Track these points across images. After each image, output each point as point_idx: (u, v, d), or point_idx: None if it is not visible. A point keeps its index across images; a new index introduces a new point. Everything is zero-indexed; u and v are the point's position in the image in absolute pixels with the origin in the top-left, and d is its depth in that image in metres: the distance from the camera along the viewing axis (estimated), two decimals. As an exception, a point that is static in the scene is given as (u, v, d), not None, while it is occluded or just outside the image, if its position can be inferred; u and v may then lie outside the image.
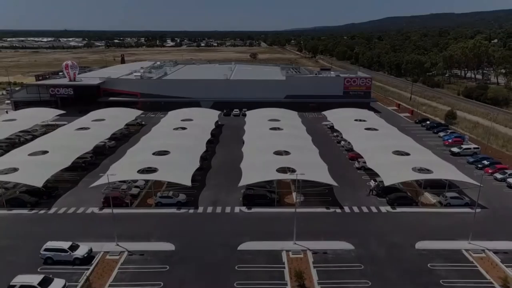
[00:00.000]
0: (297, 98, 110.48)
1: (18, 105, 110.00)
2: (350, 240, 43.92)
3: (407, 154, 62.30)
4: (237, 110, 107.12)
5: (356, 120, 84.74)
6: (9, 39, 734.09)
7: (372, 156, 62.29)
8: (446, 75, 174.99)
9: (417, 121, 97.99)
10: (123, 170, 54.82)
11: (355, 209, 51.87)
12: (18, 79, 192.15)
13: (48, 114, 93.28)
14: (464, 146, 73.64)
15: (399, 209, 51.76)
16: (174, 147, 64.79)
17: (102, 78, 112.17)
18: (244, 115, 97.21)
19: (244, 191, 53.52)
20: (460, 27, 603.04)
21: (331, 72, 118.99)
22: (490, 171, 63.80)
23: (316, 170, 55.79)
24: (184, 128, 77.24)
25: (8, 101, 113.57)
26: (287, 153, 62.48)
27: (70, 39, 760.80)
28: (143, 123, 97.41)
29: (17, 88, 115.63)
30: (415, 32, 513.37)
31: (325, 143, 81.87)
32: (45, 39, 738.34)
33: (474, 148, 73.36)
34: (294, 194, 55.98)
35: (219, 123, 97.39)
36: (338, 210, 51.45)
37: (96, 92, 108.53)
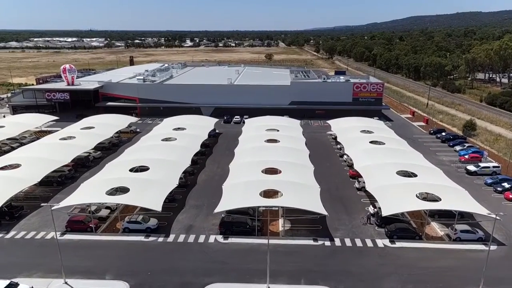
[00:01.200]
0: (303, 105, 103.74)
1: (16, 110, 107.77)
2: (333, 284, 37.28)
3: (413, 175, 54.98)
4: (238, 117, 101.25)
5: (362, 131, 77.47)
6: (35, 39, 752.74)
7: (373, 176, 55.17)
8: (469, 79, 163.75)
9: (432, 131, 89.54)
10: (91, 190, 49.81)
11: (347, 241, 45.06)
12: (30, 80, 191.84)
13: (39, 120, 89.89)
14: (481, 164, 65.29)
15: (398, 244, 44.64)
16: (155, 162, 59.50)
17: (101, 82, 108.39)
18: (245, 122, 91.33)
19: (222, 217, 47.54)
20: (487, 26, 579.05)
21: (341, 77, 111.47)
22: (511, 196, 55.60)
23: (306, 194, 49.27)
24: (173, 139, 71.99)
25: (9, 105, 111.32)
26: (277, 171, 56.22)
27: (94, 39, 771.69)
28: (137, 130, 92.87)
29: (15, 92, 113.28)
30: (439, 32, 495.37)
31: (326, 156, 75.19)
32: (69, 39, 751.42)
33: (494, 167, 64.94)
34: (281, 220, 49.73)
35: (217, 131, 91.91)
36: (328, 243, 44.77)
37: (93, 97, 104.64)
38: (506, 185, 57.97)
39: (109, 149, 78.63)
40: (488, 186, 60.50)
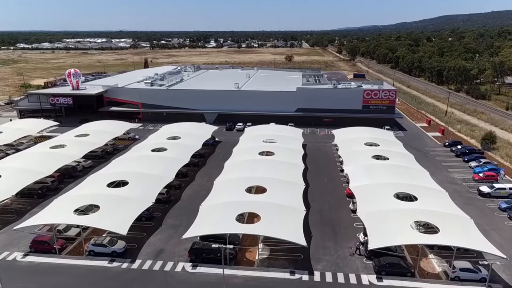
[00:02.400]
0: (309, 112, 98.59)
1: (23, 113, 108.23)
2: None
3: (413, 198, 49.38)
4: (241, 124, 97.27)
5: (366, 143, 71.80)
6: (68, 40, 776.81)
7: (367, 198, 49.93)
8: (496, 83, 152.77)
9: (447, 143, 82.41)
10: (60, 207, 47.13)
11: (328, 276, 40.17)
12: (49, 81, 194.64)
13: (39, 126, 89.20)
14: (496, 185, 58.41)
15: (386, 281, 39.36)
16: (137, 176, 56.52)
17: (106, 86, 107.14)
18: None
19: (193, 242, 43.67)
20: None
21: (352, 83, 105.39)
22: (526, 225, 48.97)
23: (288, 219, 44.70)
24: (163, 150, 68.92)
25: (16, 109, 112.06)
26: (262, 190, 51.93)
27: (122, 39, 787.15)
28: (136, 137, 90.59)
29: (22, 96, 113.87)
30: (470, 32, 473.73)
31: (326, 170, 70.07)
32: (99, 40, 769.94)
33: (511, 188, 57.93)
34: (260, 246, 45.41)
35: (217, 139, 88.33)
36: (305, 277, 40.04)
37: (96, 102, 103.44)
38: (522, 211, 51.19)
39: (102, 157, 76.46)
40: (502, 212, 53.78)
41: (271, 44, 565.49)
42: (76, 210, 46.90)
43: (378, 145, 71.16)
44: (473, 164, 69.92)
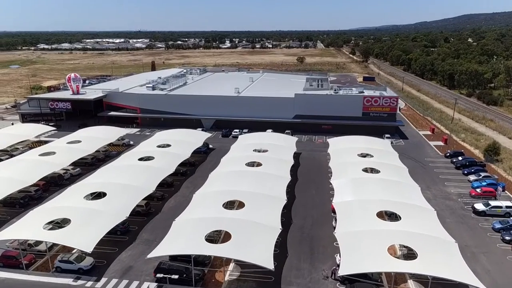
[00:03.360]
0: (308, 119, 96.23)
1: (25, 117, 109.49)
2: None
3: (397, 218, 46.85)
4: (237, 130, 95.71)
5: (360, 154, 69.12)
6: (88, 40, 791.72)
7: (348, 217, 47.62)
8: (511, 88, 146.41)
9: (448, 154, 78.83)
10: (31, 221, 46.53)
11: (296, 302, 38.20)
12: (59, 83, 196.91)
13: (36, 131, 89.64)
14: (492, 203, 55.03)
15: (357, 310, 37.11)
16: (117, 187, 55.65)
17: (105, 91, 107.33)
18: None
19: (160, 261, 42.31)
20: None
21: (353, 89, 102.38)
22: (520, 249, 45.73)
23: (260, 238, 42.83)
24: (150, 158, 68.01)
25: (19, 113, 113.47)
26: (241, 205, 50.29)
27: (139, 40, 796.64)
28: (130, 143, 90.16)
29: (23, 100, 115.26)
30: (492, 32, 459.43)
31: (317, 182, 67.86)
32: (117, 40, 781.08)
33: (507, 207, 54.49)
34: (231, 267, 43.79)
35: (211, 146, 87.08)
36: (272, 302, 38.23)
37: (94, 107, 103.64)
38: (517, 233, 47.89)
39: (92, 165, 76.11)
40: (496, 232, 50.53)
41: (286, 45, 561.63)
42: (50, 222, 46.47)
43: (372, 156, 68.42)
44: (471, 178, 66.40)
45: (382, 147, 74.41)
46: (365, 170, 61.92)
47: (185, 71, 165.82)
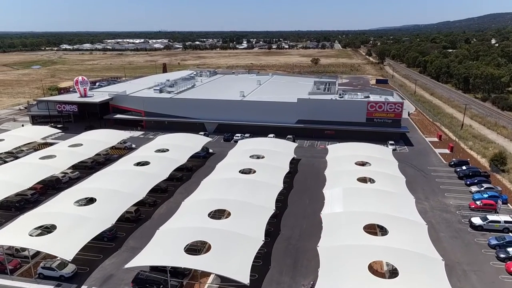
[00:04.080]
0: (310, 124, 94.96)
1: (36, 119, 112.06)
2: None
3: (384, 232, 45.42)
4: (239, 135, 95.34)
5: (357, 162, 67.61)
6: (109, 40, 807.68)
7: (334, 229, 46.52)
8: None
9: (452, 163, 76.26)
10: (18, 227, 47.30)
11: (271, 318, 37.45)
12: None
13: (42, 133, 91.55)
14: (490, 217, 52.76)
15: (332, 328, 36.07)
16: (107, 193, 56.10)
17: (111, 94, 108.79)
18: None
19: (138, 272, 42.27)
20: None
21: (358, 93, 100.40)
22: (513, 268, 43.56)
23: (240, 251, 42.21)
24: (146, 163, 68.36)
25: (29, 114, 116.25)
26: (226, 215, 49.84)
27: (159, 40, 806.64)
28: (133, 146, 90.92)
29: (33, 102, 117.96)
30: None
31: (312, 190, 66.66)
32: (137, 41, 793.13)
33: (506, 222, 52.12)
34: (211, 279, 43.38)
35: (211, 151, 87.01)
36: (246, 317, 37.55)
37: (100, 110, 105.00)
38: None
39: (92, 168, 77.03)
40: (492, 249, 48.38)
41: (302, 45, 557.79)
42: (39, 227, 47.21)
43: (370, 165, 66.83)
44: (473, 189, 63.94)
45: (382, 155, 72.57)
46: (360, 179, 60.47)
47: (195, 73, 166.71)
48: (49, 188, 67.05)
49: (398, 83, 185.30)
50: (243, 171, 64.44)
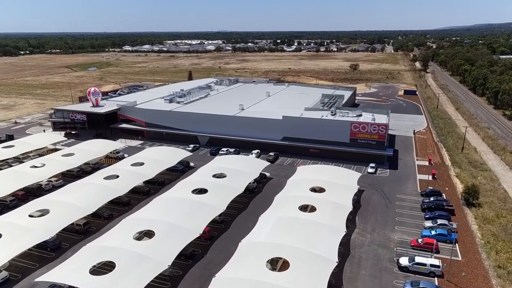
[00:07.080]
0: (295, 142, 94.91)
1: (56, 125, 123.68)
2: None
3: (285, 267, 45.76)
4: (225, 149, 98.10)
5: (312, 188, 67.20)
6: (169, 41, 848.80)
7: (241, 261, 47.77)
8: None
9: (424, 193, 72.49)
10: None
11: None
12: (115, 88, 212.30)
13: (50, 140, 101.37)
14: (417, 259, 50.31)
15: None
16: (62, 206, 61.87)
17: (119, 105, 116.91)
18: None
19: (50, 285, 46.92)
20: None
21: (349, 112, 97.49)
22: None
23: (144, 273, 45.24)
24: (114, 177, 73.74)
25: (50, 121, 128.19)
26: (150, 235, 53.06)
27: (214, 41, 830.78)
28: (125, 156, 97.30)
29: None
30: None
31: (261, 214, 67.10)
32: (193, 42, 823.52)
33: (432, 265, 49.37)
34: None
35: (192, 164, 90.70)
36: None
37: (105, 119, 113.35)
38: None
39: (78, 177, 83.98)
40: (407, 294, 46.40)
41: (351, 48, 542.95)
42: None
43: (324, 191, 66.17)
44: (427, 224, 60.75)
45: (344, 181, 71.21)
46: (302, 207, 60.40)
47: (215, 81, 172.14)
48: (29, 195, 74.83)
49: (427, 95, 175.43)
50: (196, 190, 66.96)
